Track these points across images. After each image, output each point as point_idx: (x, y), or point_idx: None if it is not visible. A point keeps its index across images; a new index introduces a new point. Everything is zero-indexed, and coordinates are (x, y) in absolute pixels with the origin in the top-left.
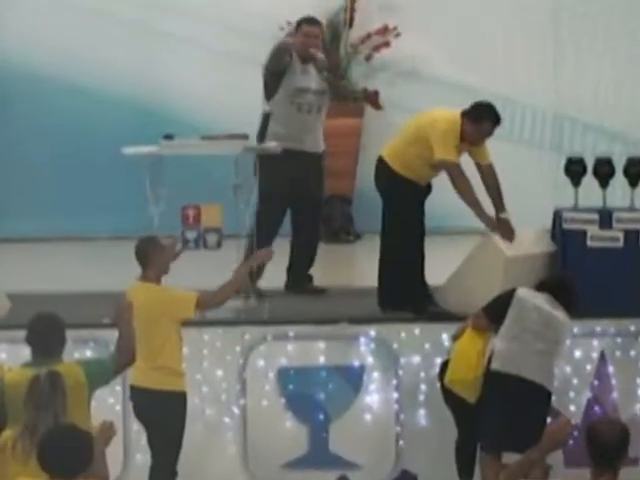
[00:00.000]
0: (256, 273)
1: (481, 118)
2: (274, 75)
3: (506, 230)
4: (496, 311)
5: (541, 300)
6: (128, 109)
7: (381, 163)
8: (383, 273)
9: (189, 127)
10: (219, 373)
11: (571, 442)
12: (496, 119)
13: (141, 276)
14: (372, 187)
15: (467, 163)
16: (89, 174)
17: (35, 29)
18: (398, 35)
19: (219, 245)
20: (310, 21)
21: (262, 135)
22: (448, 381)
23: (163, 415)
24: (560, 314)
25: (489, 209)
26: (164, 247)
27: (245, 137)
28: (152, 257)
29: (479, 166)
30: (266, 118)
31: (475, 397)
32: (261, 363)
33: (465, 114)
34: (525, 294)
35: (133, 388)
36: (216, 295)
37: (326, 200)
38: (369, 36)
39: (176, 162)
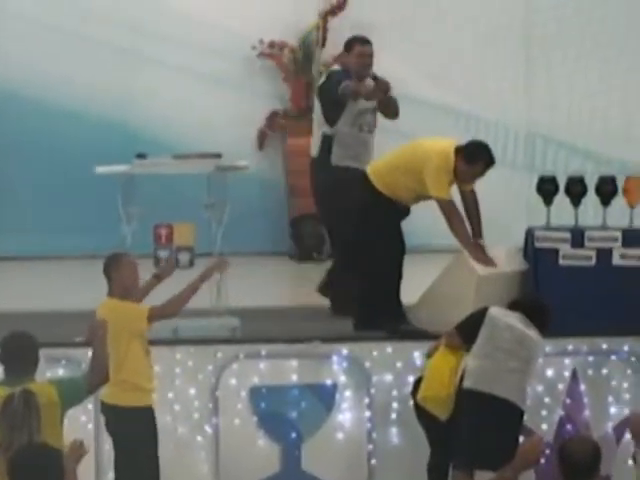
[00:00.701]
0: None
1: (475, 159)
2: (342, 104)
3: (482, 256)
4: (469, 329)
5: (514, 319)
6: (101, 129)
7: (364, 179)
8: (357, 291)
9: (162, 146)
10: (191, 391)
11: (543, 460)
12: (490, 161)
13: (107, 293)
14: None
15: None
16: (63, 194)
17: (13, 50)
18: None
19: (191, 264)
20: (363, 40)
21: (327, 157)
22: (421, 398)
23: (129, 432)
24: (533, 333)
25: None
26: (124, 264)
27: (217, 156)
28: (113, 273)
29: (462, 192)
30: (328, 140)
31: (447, 414)
32: (233, 382)
33: (459, 152)
34: (497, 313)
35: (102, 404)
36: (168, 306)
37: (298, 219)
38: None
39: (149, 181)
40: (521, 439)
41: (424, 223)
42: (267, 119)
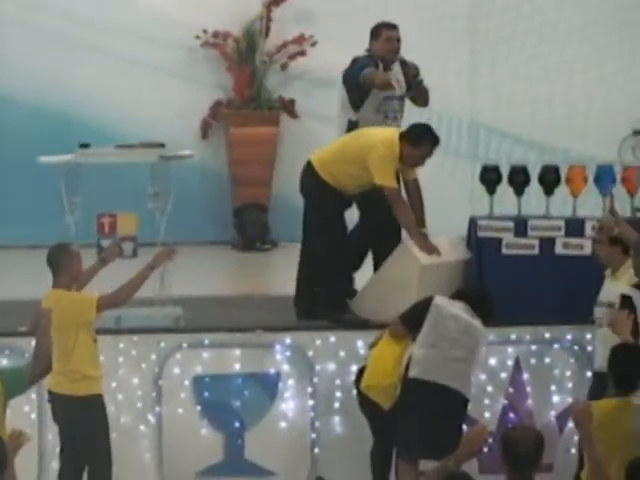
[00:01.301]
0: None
1: (420, 141)
2: (366, 90)
3: (426, 244)
4: (413, 319)
5: (458, 308)
6: (45, 119)
7: (309, 168)
8: (301, 279)
9: (105, 136)
10: (134, 381)
11: (486, 449)
12: (435, 140)
13: (52, 283)
14: (288, 195)
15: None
16: (5, 183)
17: None
18: (314, 44)
19: (135, 253)
20: (390, 26)
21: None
22: (364, 386)
23: (80, 421)
24: (477, 322)
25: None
26: (74, 254)
27: (161, 146)
28: (62, 264)
29: (405, 181)
30: (353, 127)
31: (390, 403)
32: (176, 371)
33: (403, 137)
34: (442, 302)
35: (50, 393)
36: (116, 295)
37: (241, 208)
38: (285, 45)
39: (92, 171)
40: (465, 428)
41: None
42: (211, 109)
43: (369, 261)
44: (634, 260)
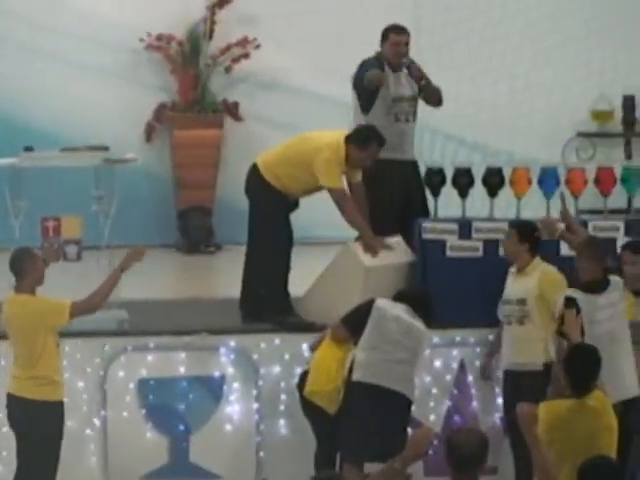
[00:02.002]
0: None
1: (367, 143)
2: (372, 92)
3: (377, 243)
4: (355, 322)
5: (400, 310)
6: None
7: (254, 171)
8: (246, 282)
9: (50, 140)
10: (79, 384)
11: (431, 452)
12: (381, 141)
13: (15, 287)
14: (232, 198)
15: None
16: None
17: None
18: (258, 47)
19: (79, 257)
20: (398, 29)
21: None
22: (307, 392)
23: (38, 425)
24: (419, 324)
25: None
26: (37, 258)
27: (105, 149)
28: (25, 268)
29: (350, 184)
30: None
31: (335, 408)
32: (121, 374)
33: (349, 140)
34: (384, 304)
35: (9, 396)
36: (89, 301)
37: (186, 211)
38: (229, 48)
39: (37, 174)
40: (410, 430)
41: (310, 215)
42: (155, 112)
43: (313, 264)
44: (578, 261)
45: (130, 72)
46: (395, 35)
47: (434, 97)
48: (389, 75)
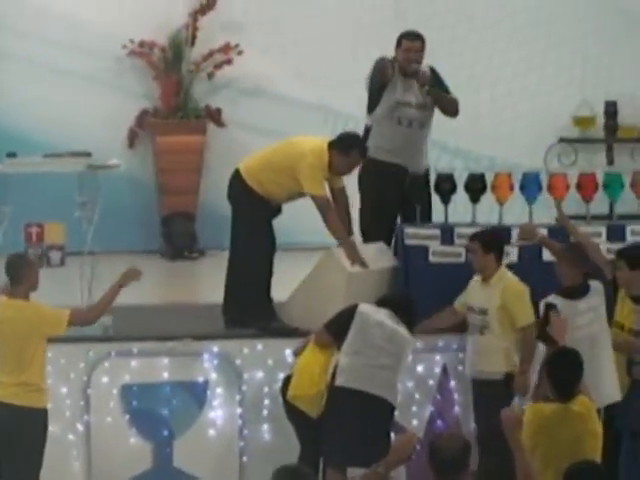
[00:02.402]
0: None
1: (349, 150)
2: (378, 89)
3: (356, 255)
4: (338, 327)
5: (383, 315)
6: None
7: (237, 177)
8: (229, 288)
9: (33, 146)
10: (63, 390)
11: (413, 456)
12: (364, 149)
13: (10, 292)
14: (215, 204)
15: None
16: None
17: None
18: (240, 53)
19: (62, 262)
20: (411, 36)
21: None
22: (291, 396)
23: (23, 431)
24: (403, 330)
25: None
26: (33, 264)
27: (88, 155)
28: (22, 274)
29: (332, 189)
30: (367, 132)
31: (317, 412)
32: (105, 380)
33: (332, 146)
34: (367, 309)
35: None
36: (89, 312)
37: (169, 217)
38: (211, 54)
39: (19, 181)
40: (393, 435)
41: (292, 221)
42: (137, 118)
43: (297, 270)
44: (558, 266)
45: (113, 78)
46: (408, 42)
47: (449, 108)
48: (398, 79)
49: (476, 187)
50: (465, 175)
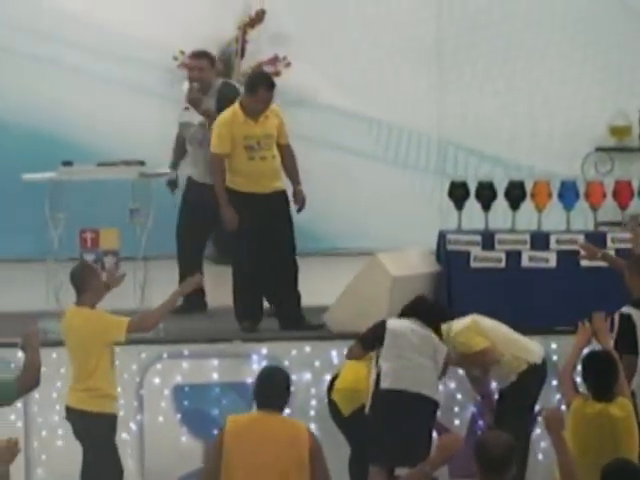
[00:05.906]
0: None
1: (255, 88)
2: None
3: (300, 199)
4: (369, 342)
5: (410, 324)
6: (29, 138)
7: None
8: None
9: (88, 154)
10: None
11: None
12: (269, 83)
13: (76, 301)
14: None
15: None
16: None
17: None
18: (288, 65)
19: (117, 267)
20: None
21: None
22: (334, 390)
23: (92, 435)
24: (433, 334)
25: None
26: (97, 273)
27: (141, 163)
28: (87, 283)
29: (279, 146)
30: None
31: (349, 410)
32: (157, 381)
33: (244, 94)
34: (396, 325)
35: (68, 409)
36: (147, 319)
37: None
38: (260, 66)
39: (75, 188)
40: (435, 435)
41: (335, 227)
42: None
43: (339, 275)
44: (627, 279)
45: (165, 89)
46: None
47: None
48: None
49: (516, 194)
50: (505, 183)
